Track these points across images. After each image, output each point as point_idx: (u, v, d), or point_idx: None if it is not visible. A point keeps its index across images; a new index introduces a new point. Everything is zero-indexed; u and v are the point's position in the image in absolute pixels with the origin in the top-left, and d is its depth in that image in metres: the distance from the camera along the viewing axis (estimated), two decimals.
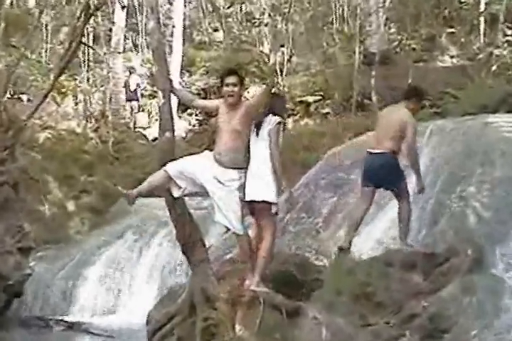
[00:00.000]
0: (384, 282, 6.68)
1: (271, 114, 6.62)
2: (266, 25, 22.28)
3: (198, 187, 6.55)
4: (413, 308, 6.35)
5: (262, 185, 6.45)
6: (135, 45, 23.84)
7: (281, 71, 18.92)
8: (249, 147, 6.53)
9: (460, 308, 6.22)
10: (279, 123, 6.58)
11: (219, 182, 6.42)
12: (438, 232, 7.89)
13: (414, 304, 6.41)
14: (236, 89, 6.52)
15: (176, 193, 6.65)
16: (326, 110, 16.71)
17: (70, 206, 12.48)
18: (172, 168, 6.56)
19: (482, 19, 15.81)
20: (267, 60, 20.96)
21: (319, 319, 6.32)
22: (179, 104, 16.29)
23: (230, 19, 25.17)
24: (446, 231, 7.72)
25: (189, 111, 20.19)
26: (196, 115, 20.41)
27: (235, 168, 6.45)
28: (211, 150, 6.64)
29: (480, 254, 6.83)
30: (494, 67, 13.70)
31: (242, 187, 6.46)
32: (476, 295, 6.32)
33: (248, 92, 19.09)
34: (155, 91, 6.82)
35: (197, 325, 6.32)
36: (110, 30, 21.09)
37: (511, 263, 6.83)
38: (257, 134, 6.61)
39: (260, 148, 6.54)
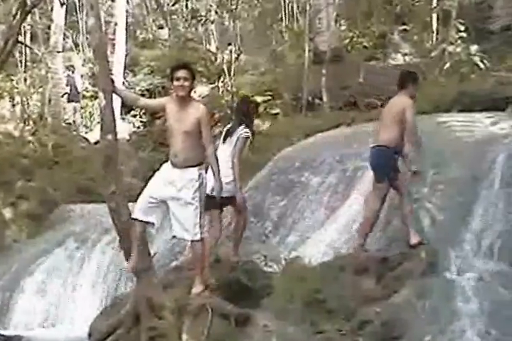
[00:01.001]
0: (336, 288, 6.61)
1: (243, 126, 7.66)
2: (212, 22, 22.05)
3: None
4: (366, 314, 6.30)
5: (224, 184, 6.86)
6: (75, 44, 23.38)
7: (229, 70, 18.71)
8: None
9: (413, 313, 6.17)
10: (247, 137, 7.65)
11: (176, 188, 6.35)
12: (390, 236, 7.77)
13: (366, 310, 6.36)
14: (187, 83, 6.42)
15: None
16: (276, 110, 16.54)
17: (7, 213, 12.02)
18: (138, 213, 6.53)
19: (435, 16, 15.82)
20: (214, 58, 20.78)
21: (269, 327, 6.24)
22: (122, 105, 15.96)
23: (175, 16, 24.94)
24: (398, 235, 7.60)
25: (133, 112, 19.85)
26: (140, 117, 20.06)
27: (192, 166, 6.38)
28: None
29: (433, 258, 6.79)
30: (447, 65, 13.72)
31: (204, 186, 6.48)
32: (430, 300, 6.28)
33: (195, 92, 18.87)
34: (97, 92, 6.66)
35: (142, 336, 6.16)
36: (49, 28, 20.52)
37: (465, 266, 6.73)
38: (224, 141, 7.60)
39: (225, 154, 7.44)
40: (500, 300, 6.11)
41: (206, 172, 6.56)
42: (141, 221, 6.50)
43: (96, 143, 15.02)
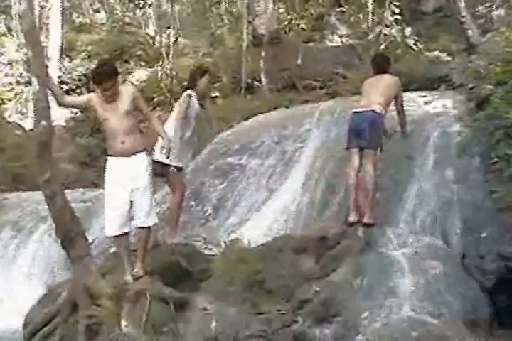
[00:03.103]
0: (275, 268, 6.65)
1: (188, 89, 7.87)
2: (150, 6, 21.73)
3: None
4: (304, 294, 6.38)
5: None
6: (8, 29, 22.75)
7: (168, 54, 18.51)
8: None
9: (351, 291, 6.27)
10: (188, 95, 7.76)
11: (133, 179, 6.33)
12: (329, 216, 7.84)
13: (305, 289, 6.42)
14: (112, 91, 6.36)
15: None
16: (215, 94, 16.44)
17: None
18: (114, 230, 6.45)
19: None
20: (152, 42, 20.52)
21: (209, 309, 6.24)
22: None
23: (112, 0, 24.47)
24: (337, 215, 7.68)
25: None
26: None
27: (141, 151, 6.44)
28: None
29: (370, 235, 6.85)
30: (383, 47, 13.84)
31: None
32: (367, 277, 6.39)
33: (133, 76, 18.66)
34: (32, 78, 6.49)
35: (80, 324, 6.06)
36: None
37: (400, 242, 6.87)
38: None
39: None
40: (433, 274, 6.26)
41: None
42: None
43: (31, 130, 14.73)
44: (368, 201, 7.10)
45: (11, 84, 19.77)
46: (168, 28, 20.06)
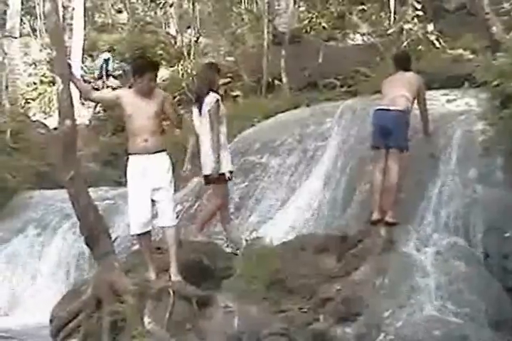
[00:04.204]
0: (296, 267, 6.64)
1: (211, 92, 7.39)
2: (171, 5, 21.85)
3: None
4: (326, 292, 6.36)
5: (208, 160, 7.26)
6: (33, 30, 22.96)
7: (189, 53, 18.58)
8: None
9: (373, 290, 6.25)
10: (217, 101, 7.35)
11: (155, 179, 6.37)
12: (351, 214, 7.83)
13: (327, 288, 6.40)
14: (155, 82, 6.51)
15: None
16: (236, 92, 16.48)
17: None
18: (139, 228, 6.45)
19: None
20: (173, 42, 20.62)
21: (231, 307, 6.25)
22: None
23: (133, 0, 24.61)
24: (358, 213, 7.68)
25: None
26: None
27: (163, 151, 6.48)
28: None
29: (392, 234, 6.83)
30: (405, 44, 13.79)
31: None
32: (389, 276, 6.35)
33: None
34: (55, 78, 6.56)
35: (104, 320, 6.12)
36: (5, 13, 20.16)
37: (422, 241, 6.83)
38: (200, 112, 7.39)
39: (205, 125, 7.33)
40: (456, 273, 6.23)
41: None
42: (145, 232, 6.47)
43: (55, 129, 14.86)
44: (390, 200, 7.10)
45: (35, 83, 19.99)
46: (189, 27, 20.17)
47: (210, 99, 7.37)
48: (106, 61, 19.88)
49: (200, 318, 6.11)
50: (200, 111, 7.44)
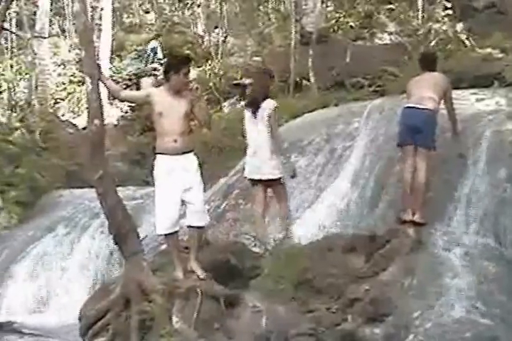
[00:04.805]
0: (324, 267, 6.62)
1: (268, 99, 7.45)
2: (199, 5, 21.96)
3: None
4: (354, 292, 6.32)
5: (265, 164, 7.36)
6: (62, 30, 23.18)
7: (216, 53, 18.64)
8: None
9: (401, 290, 6.21)
10: (276, 107, 7.45)
11: (186, 179, 6.37)
12: (379, 214, 7.80)
13: (355, 288, 6.37)
14: (188, 78, 6.57)
15: None
16: None
17: None
18: (167, 228, 6.45)
19: None
20: (201, 41, 20.70)
21: (259, 307, 6.24)
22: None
23: (161, 0, 24.74)
24: (386, 213, 7.64)
25: None
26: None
27: (191, 151, 6.49)
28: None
29: (420, 234, 6.79)
30: (433, 43, 13.71)
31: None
32: (418, 276, 6.31)
33: None
34: (84, 78, 6.59)
35: (132, 319, 6.15)
36: (34, 14, 20.36)
37: (451, 242, 6.78)
38: (255, 116, 7.45)
39: (261, 130, 7.41)
40: (485, 274, 6.18)
41: None
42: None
43: (84, 128, 14.99)
44: (419, 200, 7.06)
45: (64, 83, 20.17)
46: (217, 27, 20.25)
47: (270, 105, 7.46)
48: (153, 49, 19.95)
49: (228, 318, 6.12)
50: (254, 115, 7.50)
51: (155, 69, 19.43)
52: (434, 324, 5.74)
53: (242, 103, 17.03)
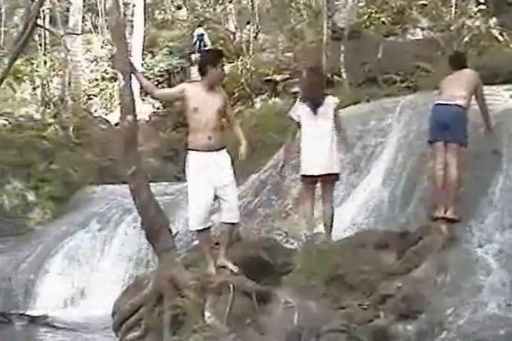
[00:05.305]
0: (356, 264, 6.59)
1: (330, 96, 7.45)
2: (231, 1, 21.97)
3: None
4: (386, 289, 6.29)
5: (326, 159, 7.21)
6: (94, 27, 23.34)
7: (248, 49, 18.65)
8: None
9: (434, 287, 6.17)
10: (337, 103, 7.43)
11: (221, 176, 6.38)
12: (411, 211, 7.75)
13: (387, 285, 6.34)
14: (224, 71, 6.70)
15: None
16: (295, 89, 16.47)
17: (30, 196, 12.14)
18: (200, 224, 6.46)
19: None
20: (232, 37, 20.71)
21: (291, 303, 6.23)
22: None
23: None
24: (419, 209, 7.59)
25: None
26: None
27: (224, 148, 6.48)
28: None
29: (453, 231, 6.73)
30: (466, 39, 13.59)
31: None
32: (450, 273, 6.27)
33: None
34: (116, 74, 6.63)
35: (165, 314, 6.16)
36: (67, 10, 20.54)
37: (485, 238, 6.71)
38: (315, 112, 7.30)
39: (321, 125, 7.28)
40: None
41: None
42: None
43: (116, 124, 15.12)
44: (451, 196, 7.01)
45: (96, 80, 20.33)
46: (248, 23, 20.22)
47: (332, 101, 7.45)
48: (200, 36, 20.05)
49: (260, 313, 6.12)
50: (314, 111, 7.41)
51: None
52: (467, 321, 5.71)
53: (274, 99, 17.07)
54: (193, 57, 19.42)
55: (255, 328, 6.05)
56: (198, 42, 20.02)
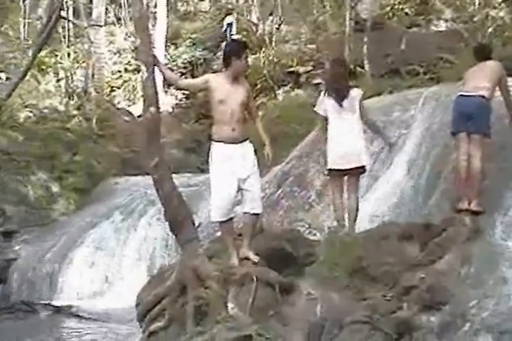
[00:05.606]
0: (379, 255, 6.56)
1: (355, 88, 7.46)
2: None
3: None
4: (410, 280, 6.24)
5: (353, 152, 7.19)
6: (118, 18, 23.40)
7: (271, 40, 18.62)
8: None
9: (458, 279, 6.12)
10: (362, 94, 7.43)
11: (245, 167, 6.38)
12: (434, 202, 7.71)
13: (410, 276, 6.30)
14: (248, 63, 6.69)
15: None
16: (318, 80, 16.44)
17: (54, 187, 12.24)
18: (223, 215, 6.46)
19: None
20: (255, 29, 20.68)
21: (313, 294, 6.22)
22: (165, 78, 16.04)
23: None
24: (442, 201, 7.55)
25: None
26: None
27: (247, 139, 6.46)
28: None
29: (477, 223, 6.69)
30: (490, 30, 13.47)
31: None
32: (474, 265, 6.21)
33: None
34: (139, 66, 6.63)
35: (188, 305, 6.18)
36: (91, 2, 20.63)
37: (509, 231, 6.67)
38: (341, 105, 7.26)
39: (348, 122, 7.24)
40: None
41: None
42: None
43: (139, 116, 15.18)
44: (474, 187, 6.97)
45: (119, 71, 20.42)
46: (271, 14, 20.17)
47: (358, 93, 7.44)
48: (230, 25, 20.07)
49: (283, 304, 6.10)
50: (340, 104, 7.37)
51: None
52: (491, 313, 5.66)
53: (297, 91, 17.04)
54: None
55: (278, 319, 6.04)
56: (227, 30, 20.04)
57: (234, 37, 19.74)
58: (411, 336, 5.69)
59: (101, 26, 19.44)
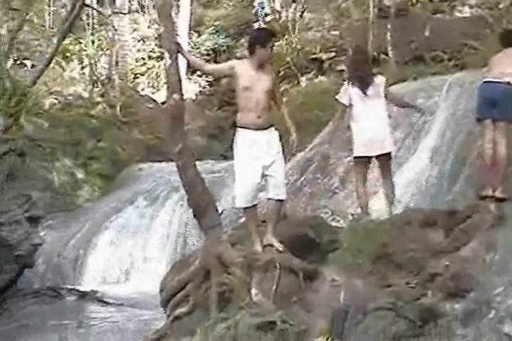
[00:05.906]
0: (403, 242, 6.53)
1: (378, 75, 7.50)
2: None
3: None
4: (434, 267, 6.21)
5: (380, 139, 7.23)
6: (141, 6, 23.39)
7: (294, 28, 18.53)
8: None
9: (483, 266, 6.08)
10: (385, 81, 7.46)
11: (270, 153, 6.38)
12: (458, 189, 7.66)
13: (435, 263, 6.27)
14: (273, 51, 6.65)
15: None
16: (341, 67, 16.36)
17: (79, 173, 12.34)
18: (248, 201, 6.47)
19: None
20: (278, 16, 20.59)
21: (337, 281, 6.22)
22: (188, 65, 16.05)
23: None
24: (467, 188, 7.49)
25: (199, 72, 19.90)
26: (206, 76, 20.09)
27: (272, 126, 6.45)
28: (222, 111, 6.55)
29: (502, 210, 6.64)
30: None
31: None
32: (499, 252, 6.16)
33: None
34: (163, 54, 6.62)
35: (212, 291, 6.21)
36: None
37: None
38: (365, 93, 7.26)
39: (374, 109, 7.25)
40: None
41: None
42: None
43: (163, 103, 15.22)
44: (499, 174, 6.91)
45: (143, 59, 20.45)
46: (294, 1, 20.05)
47: (381, 80, 7.46)
48: (261, 4, 20.01)
49: (307, 291, 6.11)
50: (364, 91, 7.37)
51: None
52: None
53: (320, 77, 16.97)
54: (256, 25, 19.34)
55: (301, 306, 6.05)
56: (258, 10, 19.94)
57: (267, 18, 19.67)
58: (435, 323, 5.65)
59: (125, 14, 19.42)
